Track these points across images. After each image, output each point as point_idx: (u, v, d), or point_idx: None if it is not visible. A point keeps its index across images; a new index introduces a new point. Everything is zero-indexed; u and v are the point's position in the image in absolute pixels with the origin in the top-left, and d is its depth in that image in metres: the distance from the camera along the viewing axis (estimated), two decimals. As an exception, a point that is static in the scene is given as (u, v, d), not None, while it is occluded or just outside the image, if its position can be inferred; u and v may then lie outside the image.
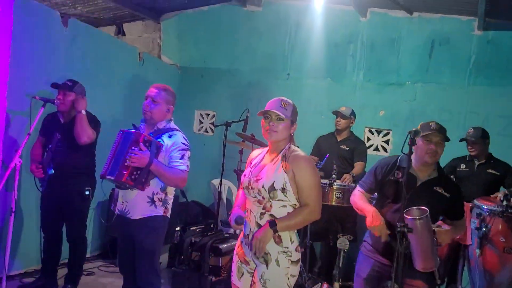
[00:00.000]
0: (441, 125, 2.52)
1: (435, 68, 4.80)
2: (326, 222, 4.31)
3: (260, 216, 2.18)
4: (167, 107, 2.85)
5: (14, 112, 3.60)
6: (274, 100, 2.24)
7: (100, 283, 4.02)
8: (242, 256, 2.29)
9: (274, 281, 2.13)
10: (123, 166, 2.54)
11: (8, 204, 3.47)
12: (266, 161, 2.27)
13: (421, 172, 2.55)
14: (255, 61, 5.59)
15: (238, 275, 2.30)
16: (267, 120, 2.20)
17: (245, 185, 2.25)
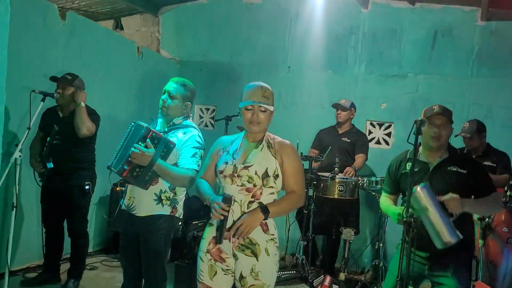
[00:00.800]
0: (445, 108, 2.48)
1: (438, 59, 4.77)
2: (328, 215, 4.30)
3: (248, 205, 2.07)
4: (185, 103, 2.71)
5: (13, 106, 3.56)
6: (255, 89, 2.15)
7: (103, 277, 4.01)
8: (216, 253, 2.12)
9: (266, 271, 2.08)
10: (126, 161, 2.43)
11: (9, 199, 3.45)
12: (248, 147, 2.17)
13: (431, 158, 2.50)
14: (255, 54, 5.54)
15: (210, 275, 2.13)
16: (250, 111, 2.13)
17: (227, 173, 2.11)
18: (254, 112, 2.12)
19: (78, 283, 3.61)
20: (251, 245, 2.06)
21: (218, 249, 2.12)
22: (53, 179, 3.45)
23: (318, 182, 4.00)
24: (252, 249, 2.06)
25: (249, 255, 2.06)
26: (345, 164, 4.32)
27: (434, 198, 2.25)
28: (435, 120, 2.44)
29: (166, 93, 2.69)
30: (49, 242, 3.66)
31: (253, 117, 2.12)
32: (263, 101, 2.11)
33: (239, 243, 2.06)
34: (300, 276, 3.71)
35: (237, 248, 2.07)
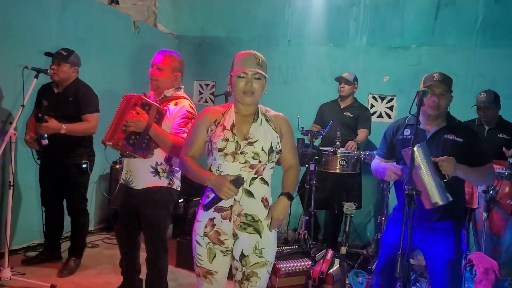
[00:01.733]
0: (446, 76, 2.42)
1: (441, 30, 4.65)
2: (330, 190, 4.28)
3: (250, 181, 1.96)
4: (174, 74, 2.72)
5: (7, 84, 3.50)
6: (248, 56, 1.96)
7: (105, 255, 4.01)
8: (214, 236, 2.00)
9: (269, 248, 2.02)
10: (120, 130, 2.43)
11: (6, 178, 3.42)
12: (244, 121, 2.02)
13: (429, 126, 2.48)
14: (254, 28, 5.42)
15: (209, 258, 2.02)
16: (242, 79, 1.95)
17: (229, 151, 1.95)
18: (248, 80, 1.94)
19: (79, 261, 3.62)
20: (253, 222, 1.98)
21: (216, 232, 2.00)
22: (50, 157, 3.40)
23: (319, 157, 3.94)
24: (255, 226, 1.98)
25: (251, 233, 1.98)
26: (347, 139, 4.27)
27: (429, 158, 2.22)
28: (435, 88, 2.38)
29: (154, 66, 2.69)
30: (49, 220, 3.65)
31: (247, 86, 1.94)
32: (258, 68, 1.95)
33: (240, 221, 1.97)
34: (302, 250, 3.69)
35: (238, 227, 1.98)
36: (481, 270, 3.09)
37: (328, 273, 3.35)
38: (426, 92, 2.26)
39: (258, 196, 1.98)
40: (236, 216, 1.97)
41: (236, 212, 1.97)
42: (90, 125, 3.41)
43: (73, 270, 3.51)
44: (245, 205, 1.96)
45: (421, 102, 2.25)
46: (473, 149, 2.41)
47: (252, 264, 1.99)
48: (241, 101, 1.98)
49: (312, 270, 3.39)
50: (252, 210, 1.97)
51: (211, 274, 2.04)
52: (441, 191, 2.20)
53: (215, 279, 2.05)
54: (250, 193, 1.97)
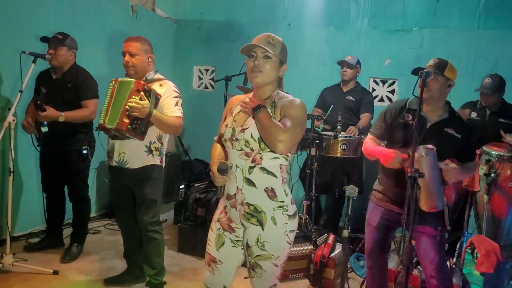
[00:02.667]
0: (440, 61, 2.43)
1: (443, 11, 4.58)
2: (331, 174, 4.27)
3: (249, 170, 1.89)
4: (147, 56, 2.81)
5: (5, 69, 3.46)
6: (260, 35, 1.92)
7: (107, 241, 4.02)
8: (226, 222, 1.99)
9: (273, 241, 1.90)
10: (124, 115, 2.49)
11: (6, 165, 3.40)
12: None
13: (431, 113, 2.47)
14: (254, 11, 5.35)
15: (217, 245, 1.99)
16: (252, 59, 1.89)
17: (227, 137, 1.94)
18: (256, 58, 1.88)
19: (81, 247, 3.63)
20: (256, 213, 1.90)
21: (228, 218, 1.98)
22: (50, 144, 3.38)
23: (320, 141, 3.93)
24: (258, 217, 1.90)
25: (255, 224, 1.91)
26: (348, 123, 4.25)
27: (436, 166, 2.27)
28: None
29: (127, 54, 2.76)
30: (50, 207, 3.65)
31: (255, 64, 1.87)
32: (267, 46, 1.86)
33: (244, 211, 1.92)
34: (303, 235, 3.70)
35: (243, 217, 1.93)
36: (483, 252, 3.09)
37: (330, 257, 3.37)
38: (430, 73, 2.23)
39: (260, 186, 1.89)
40: (240, 205, 1.93)
41: (239, 201, 1.93)
42: (89, 111, 3.39)
43: (75, 256, 3.52)
44: (247, 193, 1.91)
45: (424, 84, 2.22)
46: (468, 147, 2.51)
47: (254, 255, 1.93)
48: (251, 80, 1.94)
49: (314, 254, 3.40)
50: (255, 200, 1.91)
51: (215, 262, 2.01)
52: (441, 197, 2.30)
53: (218, 269, 2.01)
54: (250, 181, 1.90)
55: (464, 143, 2.45)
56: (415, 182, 2.13)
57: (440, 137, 2.41)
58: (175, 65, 5.75)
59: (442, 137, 2.41)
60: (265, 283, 1.99)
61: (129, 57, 2.75)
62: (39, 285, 3.03)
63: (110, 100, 2.58)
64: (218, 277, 2.02)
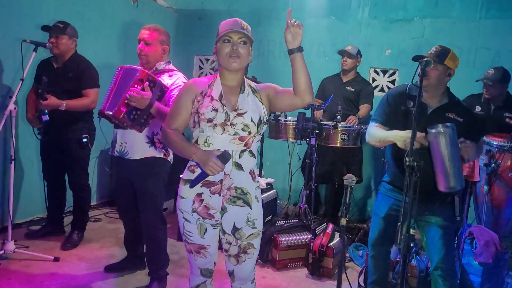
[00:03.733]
0: (442, 49, 2.43)
1: (445, 1, 4.55)
2: (330, 164, 4.29)
3: (240, 154, 1.92)
4: (162, 47, 2.75)
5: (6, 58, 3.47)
6: (231, 21, 1.92)
7: (107, 229, 4.05)
8: (204, 211, 1.95)
9: (259, 217, 2.03)
10: (123, 103, 2.43)
11: (7, 153, 3.42)
12: (231, 92, 1.96)
13: (431, 99, 2.47)
14: (255, 1, 5.33)
15: (201, 234, 1.98)
16: (228, 44, 1.88)
17: (218, 121, 1.88)
18: (233, 44, 1.88)
19: (82, 235, 3.66)
20: (242, 195, 1.96)
21: (205, 207, 1.95)
22: (50, 132, 3.40)
23: (320, 131, 3.93)
24: (244, 199, 1.96)
25: (241, 205, 1.96)
26: (348, 113, 4.25)
27: (455, 142, 2.20)
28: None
29: (142, 41, 2.71)
30: (51, 195, 3.68)
31: (232, 50, 1.88)
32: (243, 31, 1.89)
33: (230, 195, 1.94)
34: (303, 224, 3.73)
35: (228, 201, 1.95)
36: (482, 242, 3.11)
37: (329, 246, 3.39)
38: (429, 62, 2.22)
39: (246, 169, 1.96)
40: (226, 190, 1.94)
41: (226, 186, 1.94)
42: (90, 100, 3.40)
43: (76, 243, 3.55)
44: (235, 178, 1.94)
45: (424, 73, 2.22)
46: (471, 128, 2.46)
47: (247, 236, 1.99)
48: (227, 66, 1.91)
49: (313, 243, 3.42)
50: (242, 183, 1.95)
51: (204, 248, 2.02)
52: (460, 176, 2.21)
53: (209, 252, 2.04)
54: (239, 166, 1.94)
55: (467, 126, 2.43)
56: (413, 171, 2.13)
57: (442, 122, 2.34)
58: (175, 54, 5.71)
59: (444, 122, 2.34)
60: (253, 264, 2.08)
61: (143, 45, 2.71)
62: (40, 272, 3.06)
63: (113, 87, 2.53)
64: (210, 257, 2.07)
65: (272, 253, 3.52)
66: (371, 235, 2.70)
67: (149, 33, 2.71)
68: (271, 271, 3.43)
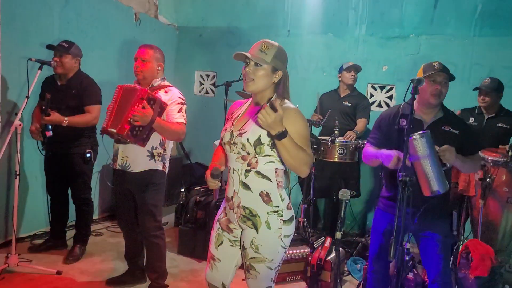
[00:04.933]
0: (444, 65, 2.48)
1: (440, 19, 4.66)
2: (329, 178, 4.33)
3: (245, 174, 1.94)
4: (157, 64, 2.90)
5: (12, 76, 3.56)
6: (256, 43, 1.95)
7: (109, 243, 4.10)
8: (225, 223, 2.07)
9: (267, 245, 1.94)
10: (126, 121, 2.56)
11: (12, 168, 3.50)
12: (249, 113, 2.02)
13: (426, 115, 2.52)
14: (254, 18, 5.44)
15: (216, 244, 2.08)
16: (246, 67, 1.94)
17: (225, 140, 2.00)
18: (248, 66, 1.92)
19: (84, 248, 3.71)
20: (251, 216, 1.95)
21: (227, 219, 2.06)
22: (54, 148, 3.49)
23: (318, 146, 4.00)
24: (253, 221, 1.95)
25: (250, 227, 1.96)
26: (346, 128, 4.32)
27: (433, 147, 2.25)
28: (437, 77, 2.44)
29: (138, 59, 2.86)
30: (54, 209, 3.74)
31: (246, 71, 1.92)
32: (257, 54, 1.89)
33: (240, 214, 1.97)
34: (301, 238, 3.77)
35: (239, 219, 1.99)
36: (477, 256, 3.14)
37: (327, 259, 3.41)
38: (421, 81, 2.29)
39: (255, 190, 1.94)
40: (236, 208, 1.99)
41: (236, 204, 1.99)
42: (92, 116, 3.48)
43: (78, 257, 3.61)
44: (243, 197, 1.97)
45: (416, 90, 2.29)
46: (467, 141, 2.50)
47: (249, 257, 1.99)
48: (244, 88, 1.97)
49: (311, 257, 3.46)
50: (250, 204, 1.96)
51: (214, 260, 2.10)
52: (441, 180, 2.25)
53: (216, 266, 2.08)
54: (246, 185, 1.95)
55: (463, 138, 2.47)
56: (406, 186, 2.19)
57: (438, 135, 2.41)
58: (176, 70, 5.84)
59: (440, 136, 2.42)
60: (259, 285, 2.04)
61: (140, 63, 2.85)
62: (43, 285, 3.11)
63: (115, 105, 2.66)
64: (217, 274, 2.10)
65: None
66: (371, 250, 2.71)
67: (144, 51, 2.87)
68: (270, 284, 3.47)
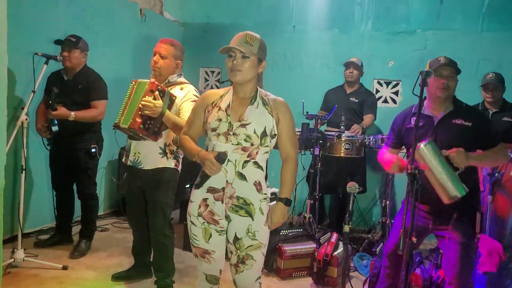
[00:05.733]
0: (450, 59, 2.45)
1: (447, 14, 4.64)
2: (335, 174, 4.32)
3: (243, 164, 1.96)
4: (176, 62, 2.85)
5: (18, 70, 3.56)
6: (239, 35, 1.98)
7: (114, 238, 4.10)
8: (208, 216, 2.02)
9: (262, 230, 2.02)
10: (137, 115, 2.54)
11: (18, 163, 3.50)
12: (241, 103, 2.02)
13: (436, 111, 2.49)
14: (259, 14, 5.44)
15: (205, 238, 2.04)
16: (231, 58, 1.96)
17: (221, 131, 1.96)
18: (235, 58, 1.95)
19: (89, 244, 3.71)
20: (245, 205, 1.98)
21: (210, 212, 2.02)
22: (59, 143, 3.48)
23: (324, 141, 3.98)
24: (246, 209, 1.99)
25: (243, 215, 1.99)
26: (352, 124, 4.30)
27: (439, 154, 2.23)
28: (442, 71, 2.41)
29: (157, 54, 2.81)
30: (60, 205, 3.73)
31: (233, 63, 1.95)
32: (244, 46, 1.94)
33: (232, 204, 1.98)
34: (307, 234, 3.75)
35: (230, 209, 1.99)
36: (485, 252, 3.12)
37: (333, 255, 3.40)
38: (430, 73, 2.25)
39: (250, 180, 1.98)
40: (228, 199, 1.98)
41: (228, 194, 1.98)
42: (98, 111, 3.48)
43: (84, 252, 3.60)
44: (238, 187, 1.97)
45: (425, 83, 2.26)
46: (483, 132, 2.41)
47: (246, 247, 2.00)
48: (230, 78, 2.00)
49: (317, 253, 3.44)
50: (244, 193, 1.98)
51: (208, 253, 2.07)
52: (457, 184, 2.21)
53: (213, 258, 2.07)
54: (242, 176, 1.97)
55: (477, 130, 2.39)
56: (414, 179, 2.16)
57: (449, 130, 2.38)
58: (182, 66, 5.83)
59: (451, 130, 2.38)
60: (253, 275, 2.06)
61: (158, 58, 2.80)
62: (48, 280, 3.11)
63: (128, 101, 2.64)
64: (215, 264, 2.10)
65: (276, 262, 3.55)
66: (387, 245, 2.69)
67: (165, 47, 2.81)
68: (276, 280, 3.46)
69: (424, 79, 2.25)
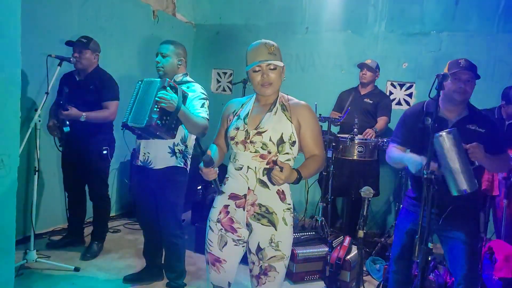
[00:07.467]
0: (471, 62, 2.39)
1: (462, 15, 4.56)
2: (348, 177, 4.27)
3: (263, 172, 1.91)
4: (178, 59, 2.91)
5: (31, 72, 3.59)
6: (258, 47, 1.92)
7: (126, 240, 4.11)
8: (228, 223, 1.99)
9: (285, 241, 1.96)
10: (152, 111, 2.53)
11: (31, 164, 3.52)
12: (260, 111, 1.99)
13: (451, 114, 2.45)
14: (272, 15, 5.41)
15: (219, 245, 2.00)
16: (258, 73, 1.92)
17: (239, 139, 1.95)
18: (263, 72, 1.91)
19: (101, 245, 3.71)
20: (267, 214, 1.93)
21: (230, 219, 1.98)
22: (71, 144, 3.49)
23: (337, 144, 3.95)
24: (269, 218, 1.93)
25: (266, 225, 1.93)
26: (366, 126, 4.25)
27: (460, 145, 2.18)
28: (461, 75, 2.36)
29: (159, 55, 2.88)
30: (72, 206, 3.76)
31: (263, 78, 1.91)
32: (271, 58, 1.90)
33: (254, 211, 1.93)
34: (319, 237, 3.72)
35: (252, 217, 1.94)
36: (501, 257, 3.07)
37: (346, 259, 3.37)
38: (446, 76, 2.22)
39: (273, 188, 1.93)
40: (250, 206, 1.94)
41: (250, 201, 1.94)
42: (109, 112, 3.48)
43: (96, 253, 3.61)
44: (259, 195, 1.93)
45: (441, 86, 2.22)
46: (494, 139, 2.41)
47: (269, 257, 1.94)
48: (261, 93, 1.97)
49: (330, 256, 3.41)
50: (267, 201, 1.94)
51: (219, 262, 2.02)
52: (469, 178, 2.17)
53: (223, 268, 2.02)
54: (264, 183, 1.92)
55: (489, 137, 2.38)
56: (431, 184, 2.12)
57: (463, 135, 2.31)
58: (194, 68, 5.84)
59: (465, 135, 2.33)
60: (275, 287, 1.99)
61: (160, 58, 2.87)
62: (61, 281, 3.12)
63: (135, 100, 2.66)
64: (224, 275, 2.04)
65: (288, 266, 3.51)
66: (393, 250, 2.65)
67: (165, 46, 2.88)
68: (288, 284, 3.43)
69: (441, 82, 2.21)
